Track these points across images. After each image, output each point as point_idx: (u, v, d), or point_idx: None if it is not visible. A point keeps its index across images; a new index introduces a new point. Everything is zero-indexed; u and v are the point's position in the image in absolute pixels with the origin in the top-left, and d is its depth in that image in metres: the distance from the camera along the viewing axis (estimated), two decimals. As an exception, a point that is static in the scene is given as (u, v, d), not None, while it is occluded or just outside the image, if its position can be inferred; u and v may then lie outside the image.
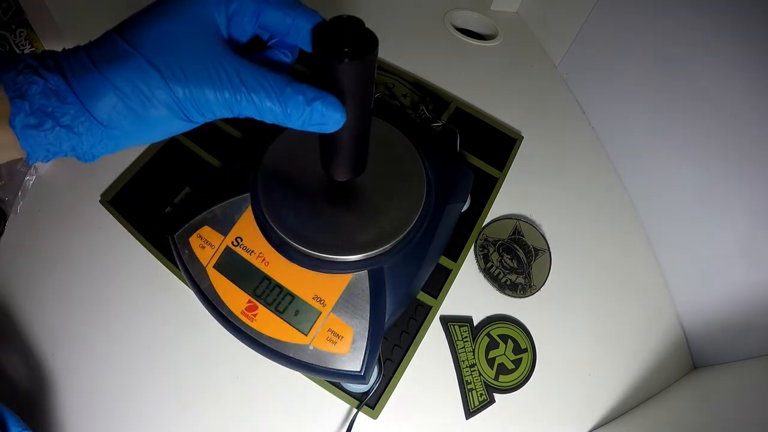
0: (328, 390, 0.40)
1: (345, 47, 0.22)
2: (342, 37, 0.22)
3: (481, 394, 0.42)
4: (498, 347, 0.44)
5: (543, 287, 0.47)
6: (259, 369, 0.41)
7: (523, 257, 0.48)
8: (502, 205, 0.51)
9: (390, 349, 0.42)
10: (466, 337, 0.44)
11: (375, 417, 0.39)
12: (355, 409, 0.39)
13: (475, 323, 0.45)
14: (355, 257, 0.34)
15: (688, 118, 0.45)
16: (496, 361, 0.43)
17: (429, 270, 0.41)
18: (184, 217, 0.36)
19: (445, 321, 0.44)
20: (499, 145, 0.54)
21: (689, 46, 0.43)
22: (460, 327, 0.44)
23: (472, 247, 0.48)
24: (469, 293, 0.46)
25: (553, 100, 0.61)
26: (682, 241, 0.48)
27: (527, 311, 0.46)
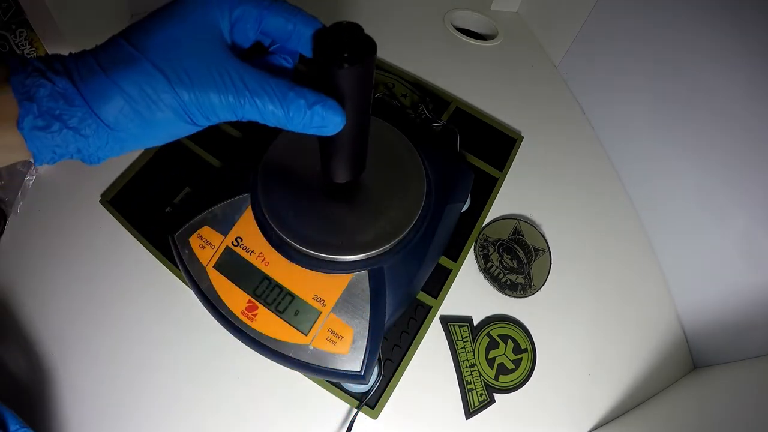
0: (328, 390, 0.40)
1: (344, 53, 0.22)
2: (341, 43, 0.22)
3: (481, 394, 0.42)
4: (498, 347, 0.44)
5: (543, 287, 0.47)
6: (259, 369, 0.41)
7: (523, 257, 0.48)
8: (502, 205, 0.51)
9: (390, 349, 0.42)
10: (466, 337, 0.44)
11: (375, 417, 0.40)
12: (355, 409, 0.39)
13: (475, 323, 0.45)
14: (355, 257, 0.34)
15: (687, 117, 0.45)
16: (496, 361, 0.43)
17: (429, 270, 0.41)
18: (184, 217, 0.36)
19: (445, 321, 0.44)
20: (499, 145, 0.54)
21: (689, 46, 0.43)
22: (460, 327, 0.44)
23: (472, 247, 0.48)
24: (469, 293, 0.46)
25: (553, 100, 0.61)
26: (682, 241, 0.48)
27: (527, 311, 0.46)
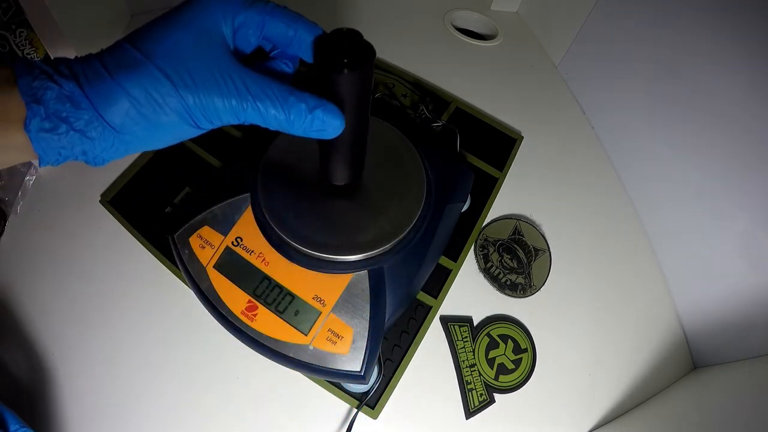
0: (328, 390, 0.40)
1: (344, 58, 0.23)
2: (341, 49, 0.23)
3: (481, 394, 0.42)
4: (498, 347, 0.44)
5: (543, 287, 0.47)
6: (259, 369, 0.41)
7: (523, 257, 0.48)
8: (502, 205, 0.51)
9: (390, 349, 0.42)
10: (466, 337, 0.44)
11: (375, 417, 0.39)
12: (355, 409, 0.39)
13: (475, 323, 0.45)
14: (355, 257, 0.34)
15: (687, 117, 0.45)
16: (496, 361, 0.43)
17: (429, 270, 0.41)
18: (184, 217, 0.36)
19: (445, 321, 0.44)
20: (499, 145, 0.54)
21: (689, 47, 0.43)
22: (460, 327, 0.44)
23: (472, 247, 0.48)
24: (469, 293, 0.46)
25: (553, 100, 0.61)
26: (682, 241, 0.48)
27: (527, 311, 0.46)
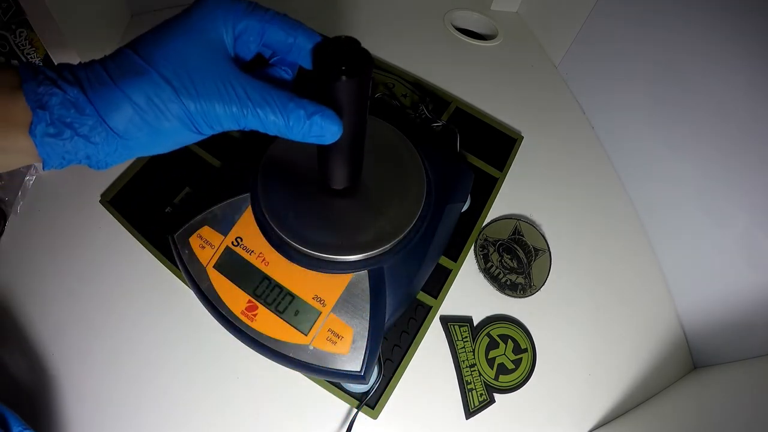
0: (328, 390, 0.40)
1: (342, 65, 0.23)
2: (340, 56, 0.23)
3: (481, 394, 0.42)
4: (498, 347, 0.44)
5: (543, 287, 0.47)
6: (259, 369, 0.41)
7: (523, 257, 0.48)
8: (502, 205, 0.51)
9: (390, 349, 0.42)
10: (466, 337, 0.44)
11: (375, 417, 0.40)
12: (355, 409, 0.39)
13: (475, 323, 0.45)
14: (355, 257, 0.34)
15: (687, 117, 0.45)
16: (496, 361, 0.43)
17: (429, 270, 0.41)
18: (184, 217, 0.36)
19: (445, 321, 0.44)
20: (499, 145, 0.54)
21: (689, 47, 0.43)
22: (460, 327, 0.44)
23: (472, 247, 0.48)
24: (469, 293, 0.46)
25: (553, 100, 0.61)
26: (682, 241, 0.48)
27: (527, 311, 0.46)
